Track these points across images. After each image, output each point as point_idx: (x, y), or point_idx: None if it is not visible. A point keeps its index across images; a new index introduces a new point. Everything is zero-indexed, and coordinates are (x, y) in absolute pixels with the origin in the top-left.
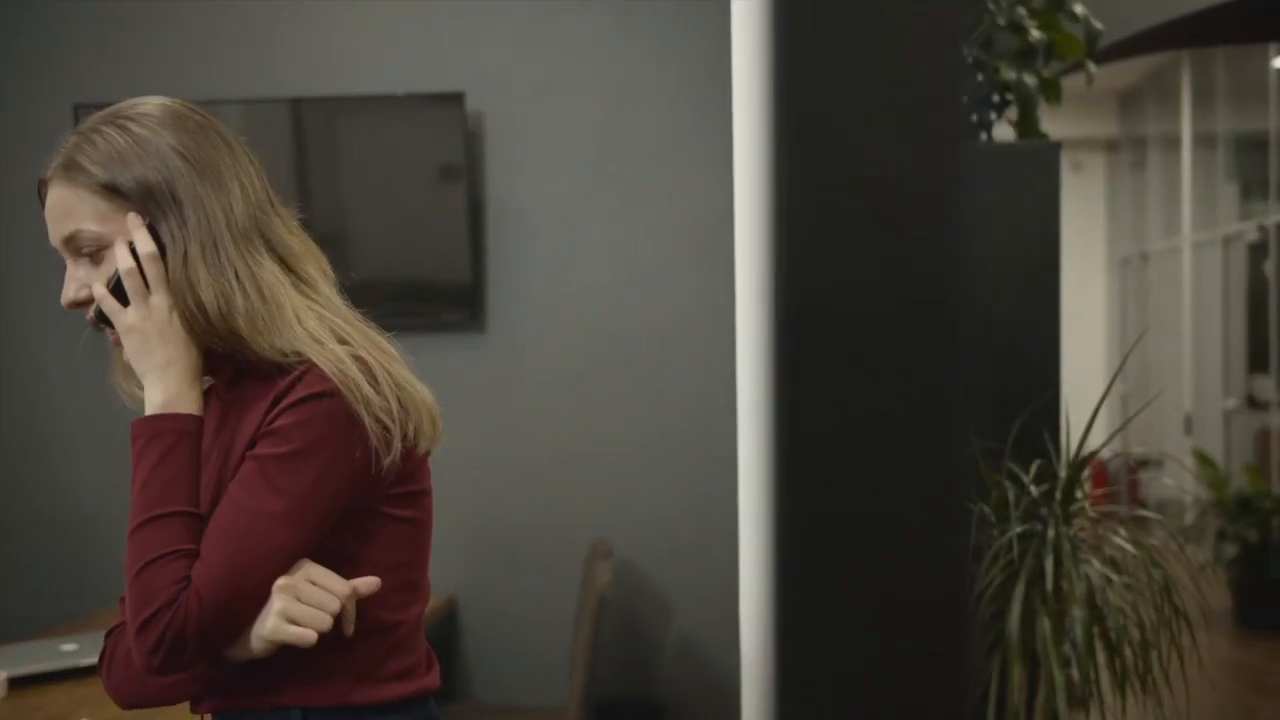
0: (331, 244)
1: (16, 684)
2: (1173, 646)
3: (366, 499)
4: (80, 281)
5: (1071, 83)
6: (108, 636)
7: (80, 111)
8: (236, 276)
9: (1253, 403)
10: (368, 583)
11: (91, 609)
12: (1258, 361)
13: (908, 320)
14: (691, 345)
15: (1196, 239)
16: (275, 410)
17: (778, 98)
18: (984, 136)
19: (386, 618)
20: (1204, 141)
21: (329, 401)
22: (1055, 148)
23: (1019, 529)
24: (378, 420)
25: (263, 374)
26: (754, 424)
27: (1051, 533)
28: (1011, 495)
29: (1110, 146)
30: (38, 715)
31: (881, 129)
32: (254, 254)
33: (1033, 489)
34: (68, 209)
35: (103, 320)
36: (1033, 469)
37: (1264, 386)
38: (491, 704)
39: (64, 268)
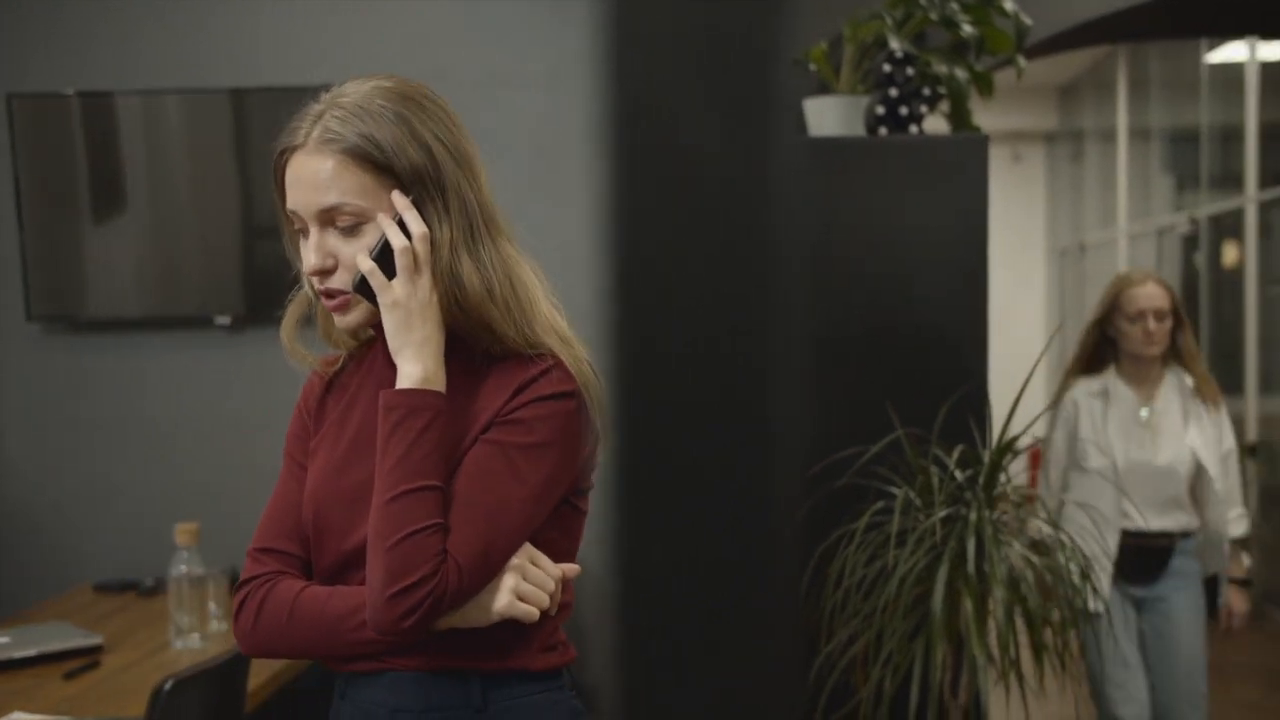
0: (272, 236)
1: None
2: (1089, 625)
3: (569, 491)
4: (326, 251)
5: (1012, 76)
6: (240, 586)
7: (14, 101)
8: (493, 266)
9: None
10: (573, 569)
11: (25, 603)
12: None
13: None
14: None
15: (1132, 230)
16: (518, 399)
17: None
18: (914, 129)
19: (566, 597)
20: (1139, 135)
21: (573, 401)
22: (983, 140)
23: (943, 513)
24: (602, 422)
25: (493, 358)
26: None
27: (974, 516)
28: (936, 480)
29: (1050, 139)
30: None
31: (703, 122)
32: (500, 242)
33: (957, 474)
34: (331, 180)
35: (361, 291)
36: (955, 454)
37: None
38: None
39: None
